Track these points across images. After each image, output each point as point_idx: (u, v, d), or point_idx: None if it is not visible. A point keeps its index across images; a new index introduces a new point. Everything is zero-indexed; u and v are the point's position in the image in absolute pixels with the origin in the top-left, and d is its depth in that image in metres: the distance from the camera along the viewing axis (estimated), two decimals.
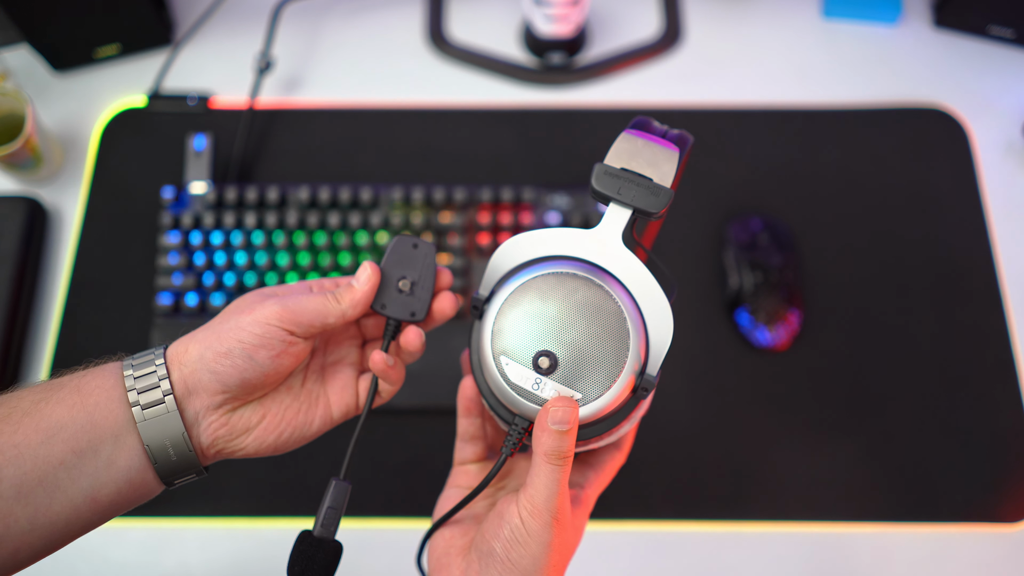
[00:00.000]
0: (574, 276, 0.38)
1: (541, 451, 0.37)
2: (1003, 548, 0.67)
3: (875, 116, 0.81)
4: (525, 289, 0.38)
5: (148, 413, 0.38)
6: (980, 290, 0.75)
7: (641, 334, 0.38)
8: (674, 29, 0.85)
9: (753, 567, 0.67)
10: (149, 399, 0.38)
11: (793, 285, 0.73)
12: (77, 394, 0.37)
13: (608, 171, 0.40)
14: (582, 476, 0.44)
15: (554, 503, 0.37)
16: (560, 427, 0.37)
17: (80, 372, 0.39)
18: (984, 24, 0.83)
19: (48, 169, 0.78)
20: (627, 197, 0.39)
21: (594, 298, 0.38)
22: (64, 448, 0.36)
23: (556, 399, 0.37)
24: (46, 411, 0.36)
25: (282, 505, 0.68)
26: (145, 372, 0.39)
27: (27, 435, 0.35)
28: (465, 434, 0.45)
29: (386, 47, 0.85)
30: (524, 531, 0.37)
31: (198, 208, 0.75)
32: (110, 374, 0.39)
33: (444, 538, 0.42)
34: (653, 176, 0.39)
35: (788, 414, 0.71)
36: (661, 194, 0.39)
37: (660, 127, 0.42)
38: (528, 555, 0.37)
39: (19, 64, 0.83)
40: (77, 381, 0.38)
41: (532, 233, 0.41)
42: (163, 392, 0.38)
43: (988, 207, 0.77)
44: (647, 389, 0.38)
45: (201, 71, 0.83)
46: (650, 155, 0.40)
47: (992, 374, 0.72)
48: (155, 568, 0.66)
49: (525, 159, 0.79)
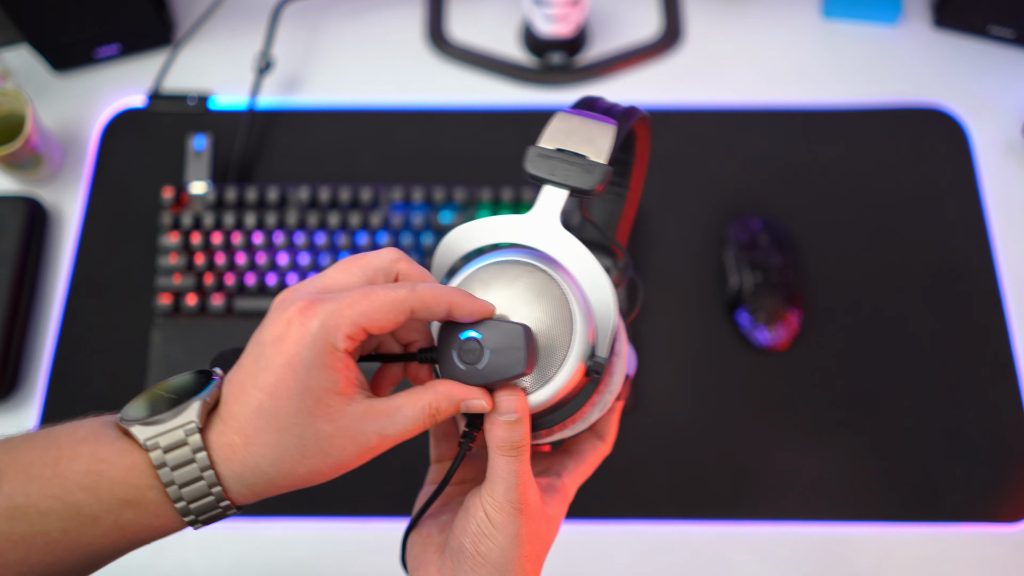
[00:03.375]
0: (515, 263, 0.38)
1: (494, 444, 0.37)
2: (1003, 548, 0.67)
3: (875, 116, 0.81)
4: (468, 282, 0.38)
5: (194, 509, 0.34)
6: (980, 290, 0.75)
7: (587, 316, 0.37)
8: (674, 29, 0.85)
9: (753, 567, 0.67)
10: (208, 519, 0.35)
11: (793, 285, 0.73)
12: (118, 532, 0.33)
13: (541, 153, 0.39)
14: (561, 465, 0.43)
15: (514, 494, 0.37)
16: (509, 417, 0.36)
17: (115, 502, 0.33)
18: (984, 24, 0.83)
19: (48, 169, 0.78)
20: (560, 177, 0.38)
21: (536, 284, 0.37)
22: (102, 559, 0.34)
23: (502, 389, 0.37)
24: (82, 542, 0.33)
25: (282, 505, 0.68)
26: (206, 512, 0.34)
27: (59, 558, 0.33)
28: (437, 432, 0.45)
29: (386, 47, 0.85)
30: (489, 524, 0.37)
31: (198, 208, 0.75)
32: (158, 516, 0.34)
33: (421, 535, 0.42)
34: (588, 153, 0.39)
35: (788, 414, 0.71)
36: (595, 171, 0.38)
37: (606, 103, 0.41)
38: (496, 547, 0.37)
39: (19, 64, 0.83)
40: (115, 519, 0.33)
41: (471, 224, 0.40)
42: (216, 501, 0.34)
43: (988, 207, 0.77)
44: (598, 372, 0.38)
45: (201, 71, 0.83)
46: (586, 132, 0.39)
47: (992, 374, 0.72)
48: (155, 568, 0.66)
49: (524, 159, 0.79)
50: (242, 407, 0.34)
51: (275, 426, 0.33)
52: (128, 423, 0.34)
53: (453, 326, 0.36)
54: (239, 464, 0.34)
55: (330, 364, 0.33)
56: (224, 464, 0.34)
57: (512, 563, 0.37)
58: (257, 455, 0.33)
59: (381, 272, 0.36)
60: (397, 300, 0.34)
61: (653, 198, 0.78)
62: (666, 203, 0.78)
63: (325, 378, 0.33)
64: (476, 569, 0.38)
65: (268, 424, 0.33)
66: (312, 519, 0.68)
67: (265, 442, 0.33)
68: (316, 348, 0.33)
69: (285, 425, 0.33)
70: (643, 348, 0.73)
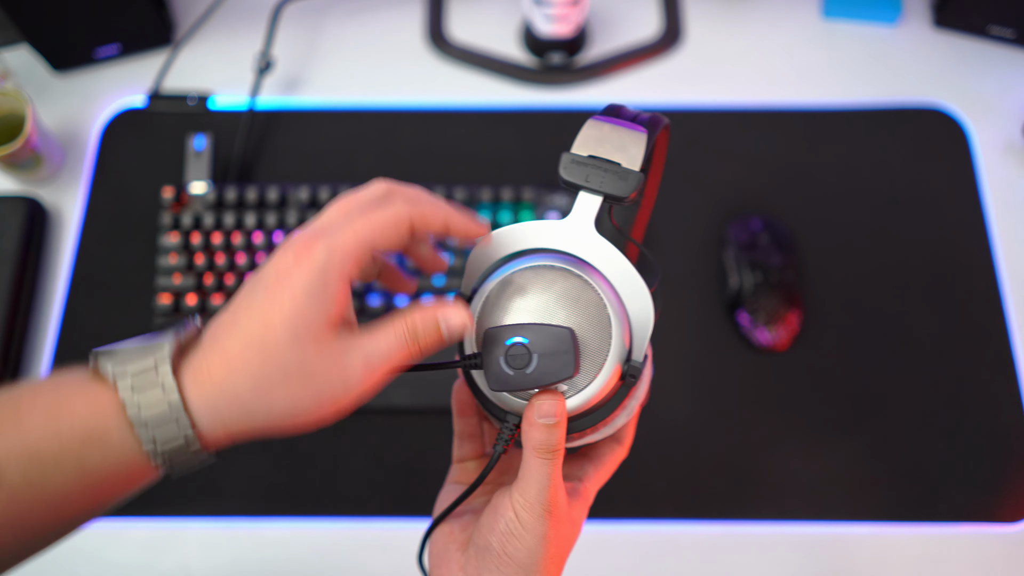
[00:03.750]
0: (551, 268, 0.38)
1: (530, 446, 0.37)
2: (1003, 548, 0.67)
3: (875, 116, 0.81)
4: (504, 285, 0.38)
5: (179, 472, 0.34)
6: (980, 290, 0.75)
7: (623, 320, 0.38)
8: (674, 29, 0.85)
9: (753, 567, 0.67)
10: (183, 468, 0.34)
11: (793, 285, 0.73)
12: (84, 479, 0.32)
13: (575, 159, 0.39)
14: (581, 470, 0.44)
15: (546, 496, 0.37)
16: (547, 420, 0.36)
17: (75, 441, 0.32)
18: (984, 24, 0.83)
19: (48, 169, 0.78)
20: (595, 184, 0.39)
21: (573, 288, 0.38)
22: (75, 508, 0.33)
23: (542, 393, 0.37)
24: (47, 491, 0.32)
25: (282, 505, 0.68)
26: (176, 451, 0.33)
27: (28, 509, 0.32)
28: (462, 432, 0.46)
29: (386, 47, 0.85)
30: (518, 524, 0.37)
31: (198, 208, 0.75)
32: (124, 452, 0.33)
33: (443, 534, 0.42)
34: (621, 160, 0.39)
35: (788, 414, 0.71)
36: (630, 178, 0.38)
37: (632, 111, 0.42)
38: (524, 548, 0.37)
39: (19, 64, 0.83)
40: (78, 461, 0.32)
41: (509, 228, 0.40)
42: (199, 461, 0.34)
43: (988, 207, 0.77)
44: (634, 376, 0.38)
45: (201, 71, 0.83)
46: (617, 140, 0.39)
47: (992, 374, 0.72)
48: (155, 568, 0.66)
49: (525, 159, 0.79)
50: (231, 338, 0.33)
51: (262, 353, 0.33)
52: (96, 357, 0.33)
53: (497, 333, 0.37)
54: (215, 390, 0.33)
55: (332, 294, 0.33)
56: (196, 389, 0.33)
57: (538, 563, 0.38)
58: (237, 381, 0.33)
59: (375, 204, 0.37)
60: (396, 216, 0.36)
61: None
62: (666, 203, 0.78)
63: (323, 306, 0.33)
64: (502, 568, 0.38)
65: (256, 351, 0.33)
66: (312, 519, 0.68)
67: (248, 367, 0.33)
68: (323, 275, 0.33)
69: (272, 352, 0.33)
70: None
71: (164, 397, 0.32)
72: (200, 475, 0.69)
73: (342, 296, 0.34)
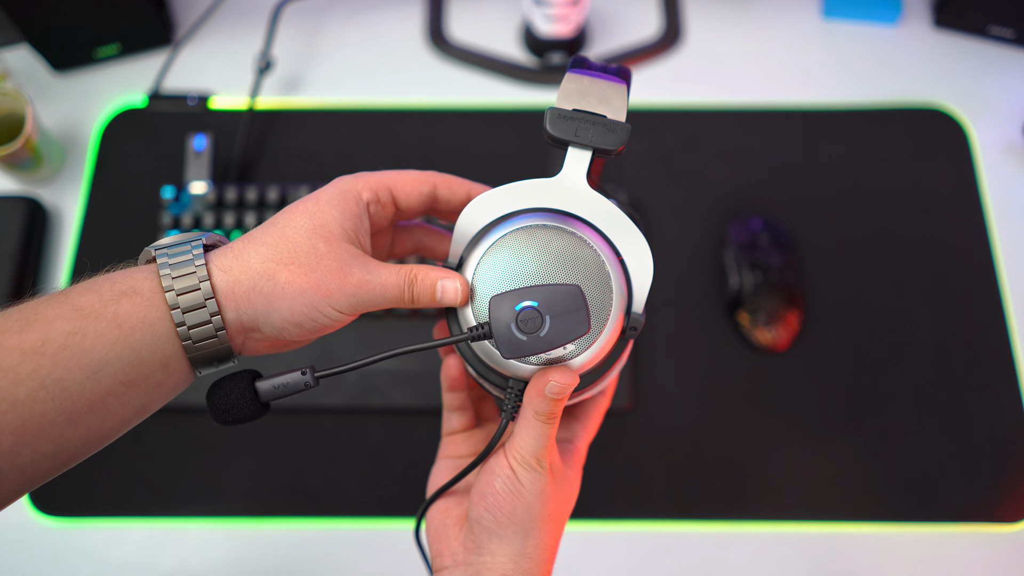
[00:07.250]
0: (545, 227, 0.37)
1: (533, 409, 0.37)
2: (1003, 548, 0.67)
3: (875, 116, 0.81)
4: (497, 248, 0.37)
5: (199, 347, 0.36)
6: (980, 290, 0.75)
7: (621, 275, 0.37)
8: (674, 29, 0.85)
9: (753, 567, 0.67)
10: (200, 335, 0.36)
11: (793, 285, 0.73)
12: (118, 329, 0.34)
13: (562, 114, 0.38)
14: (569, 431, 0.44)
15: (542, 452, 0.38)
16: (558, 395, 0.37)
17: (113, 296, 0.35)
18: (984, 24, 0.83)
19: (48, 169, 0.78)
20: (585, 138, 0.38)
21: (569, 247, 0.37)
22: (112, 381, 0.34)
23: (556, 369, 0.37)
24: (86, 346, 0.34)
25: (282, 505, 0.68)
26: (193, 306, 0.36)
27: (69, 370, 0.33)
28: (451, 406, 0.45)
29: (386, 47, 0.85)
30: (516, 480, 0.38)
31: (198, 208, 0.75)
32: (152, 307, 0.36)
33: (440, 510, 0.42)
34: (607, 113, 0.38)
35: (788, 414, 0.71)
36: (619, 130, 0.38)
37: (599, 63, 0.41)
38: (523, 505, 0.38)
39: (19, 64, 0.83)
40: (113, 311, 0.34)
41: (495, 191, 0.39)
42: (215, 328, 0.36)
43: (988, 207, 0.77)
44: (636, 328, 0.38)
45: (201, 71, 0.83)
46: (599, 92, 0.39)
47: (992, 374, 0.72)
48: (155, 568, 0.66)
49: (525, 159, 0.79)
50: (258, 228, 0.38)
51: (279, 235, 0.37)
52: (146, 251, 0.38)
53: (503, 299, 0.36)
54: (231, 258, 0.37)
55: (348, 209, 0.38)
56: (219, 260, 0.37)
57: (537, 521, 0.38)
58: (251, 250, 0.37)
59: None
60: (422, 174, 0.41)
61: (653, 198, 0.78)
62: (666, 203, 0.78)
63: (339, 217, 0.38)
64: (502, 531, 0.38)
65: (275, 234, 0.37)
66: (312, 519, 0.68)
67: (264, 240, 0.37)
68: (344, 195, 0.38)
69: (289, 236, 0.37)
70: (643, 348, 0.73)
71: (192, 262, 0.36)
72: (200, 475, 0.69)
73: (356, 215, 0.38)
